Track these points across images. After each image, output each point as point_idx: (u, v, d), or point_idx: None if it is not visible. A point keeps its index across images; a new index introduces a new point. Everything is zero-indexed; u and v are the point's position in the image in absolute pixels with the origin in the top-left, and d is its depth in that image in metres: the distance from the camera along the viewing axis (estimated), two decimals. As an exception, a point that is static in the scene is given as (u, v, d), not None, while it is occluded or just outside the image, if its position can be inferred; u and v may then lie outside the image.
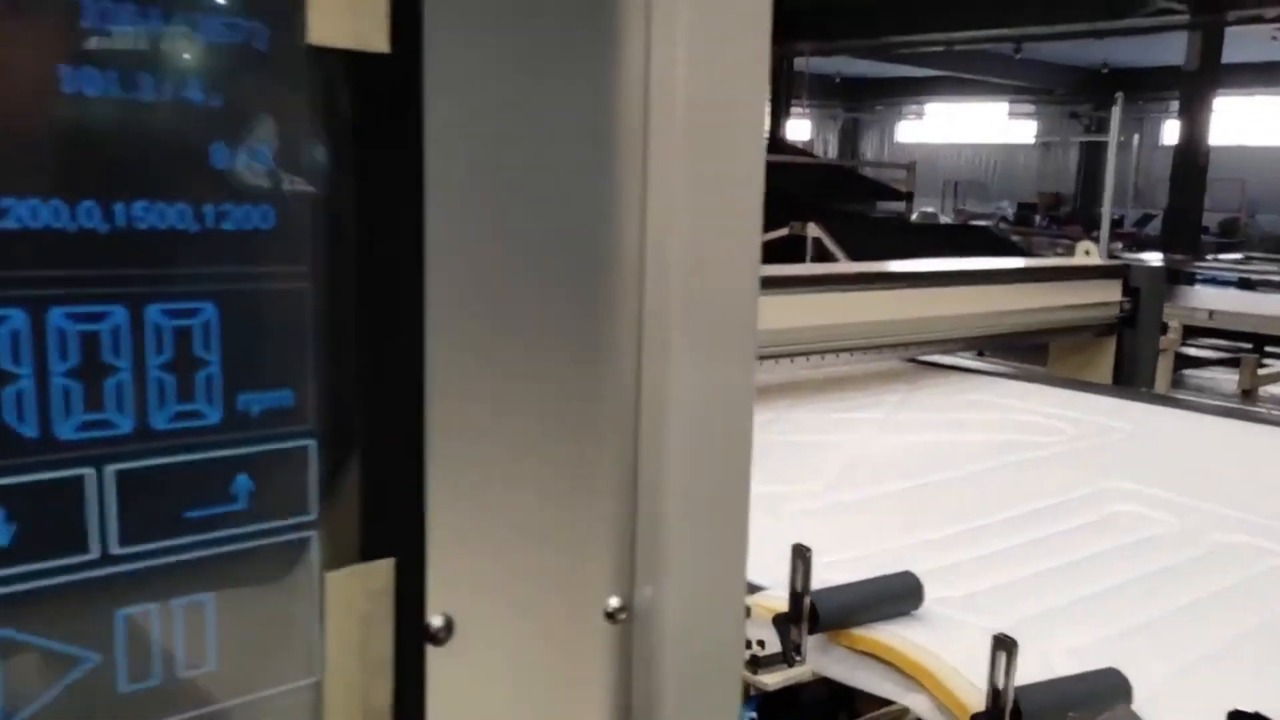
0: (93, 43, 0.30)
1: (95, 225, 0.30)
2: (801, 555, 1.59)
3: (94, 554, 0.31)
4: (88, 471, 0.31)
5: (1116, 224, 9.82)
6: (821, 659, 1.50)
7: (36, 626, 0.31)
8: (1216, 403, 2.57)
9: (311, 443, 0.35)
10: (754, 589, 1.69)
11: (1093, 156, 16.28)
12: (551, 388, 0.42)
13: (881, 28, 10.28)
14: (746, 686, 1.56)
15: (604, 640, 0.45)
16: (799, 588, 1.57)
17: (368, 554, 0.36)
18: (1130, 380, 2.58)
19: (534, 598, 0.42)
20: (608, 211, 0.43)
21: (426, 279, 0.37)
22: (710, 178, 0.44)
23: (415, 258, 0.37)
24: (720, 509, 0.46)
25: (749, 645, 1.55)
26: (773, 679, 1.54)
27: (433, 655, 0.39)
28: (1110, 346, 2.62)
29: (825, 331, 2.10)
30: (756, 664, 1.54)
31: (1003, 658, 0.98)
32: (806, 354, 2.11)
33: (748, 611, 1.57)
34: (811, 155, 8.79)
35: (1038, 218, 15.80)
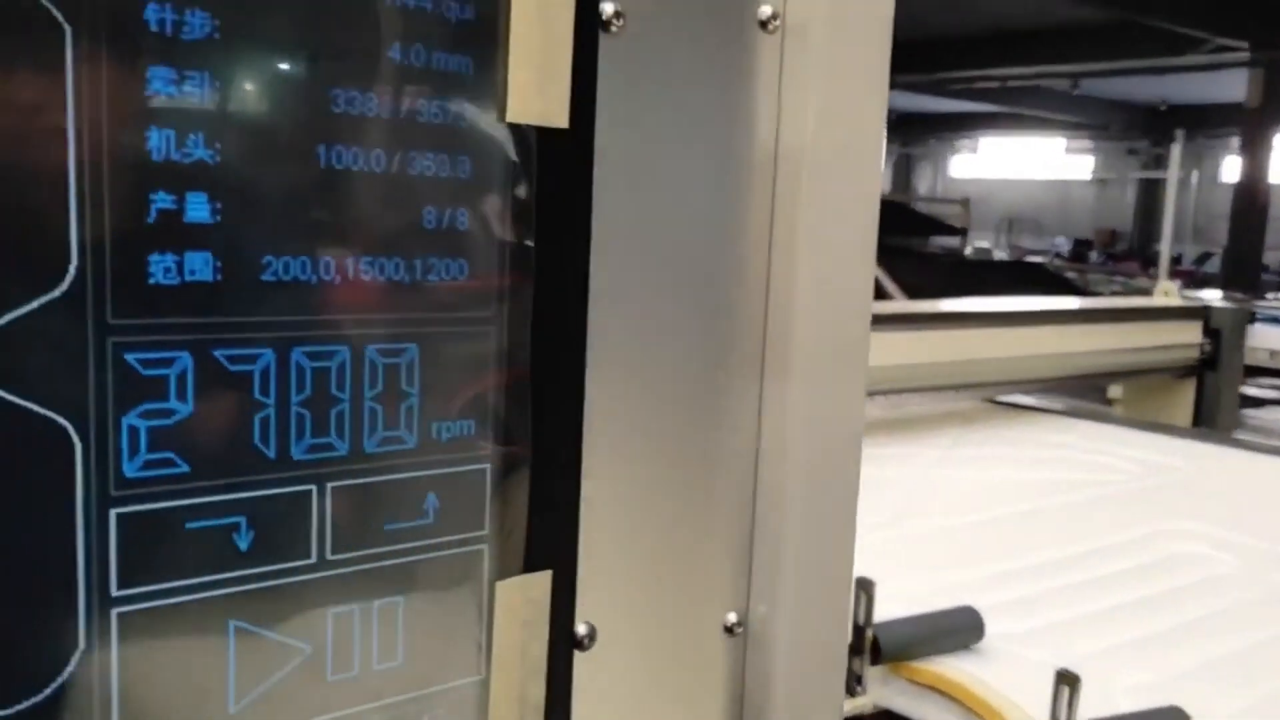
0: (342, 126, 0.35)
1: (330, 278, 0.36)
2: (864, 588, 1.62)
3: (313, 559, 0.36)
4: (312, 488, 0.36)
5: (1175, 261, 9.73)
6: (883, 690, 1.52)
7: (265, 620, 0.36)
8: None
9: (487, 467, 0.40)
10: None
11: (1150, 193, 16.14)
12: (684, 422, 0.47)
13: (937, 63, 10.30)
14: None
15: (722, 652, 0.50)
16: (861, 620, 1.60)
17: (530, 566, 0.41)
18: (1209, 423, 2.57)
19: (663, 611, 0.47)
20: (738, 261, 0.48)
21: (589, 325, 0.42)
22: (828, 229, 0.49)
23: (581, 305, 0.42)
24: (829, 536, 0.51)
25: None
26: (832, 708, 1.57)
27: (580, 660, 0.44)
28: (1187, 389, 2.61)
29: (911, 371, 2.13)
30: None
31: (1065, 693, 1.01)
32: (884, 393, 2.14)
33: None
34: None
35: (1093, 254, 15.67)
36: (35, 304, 0.30)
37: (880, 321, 2.08)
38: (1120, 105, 15.09)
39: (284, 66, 0.34)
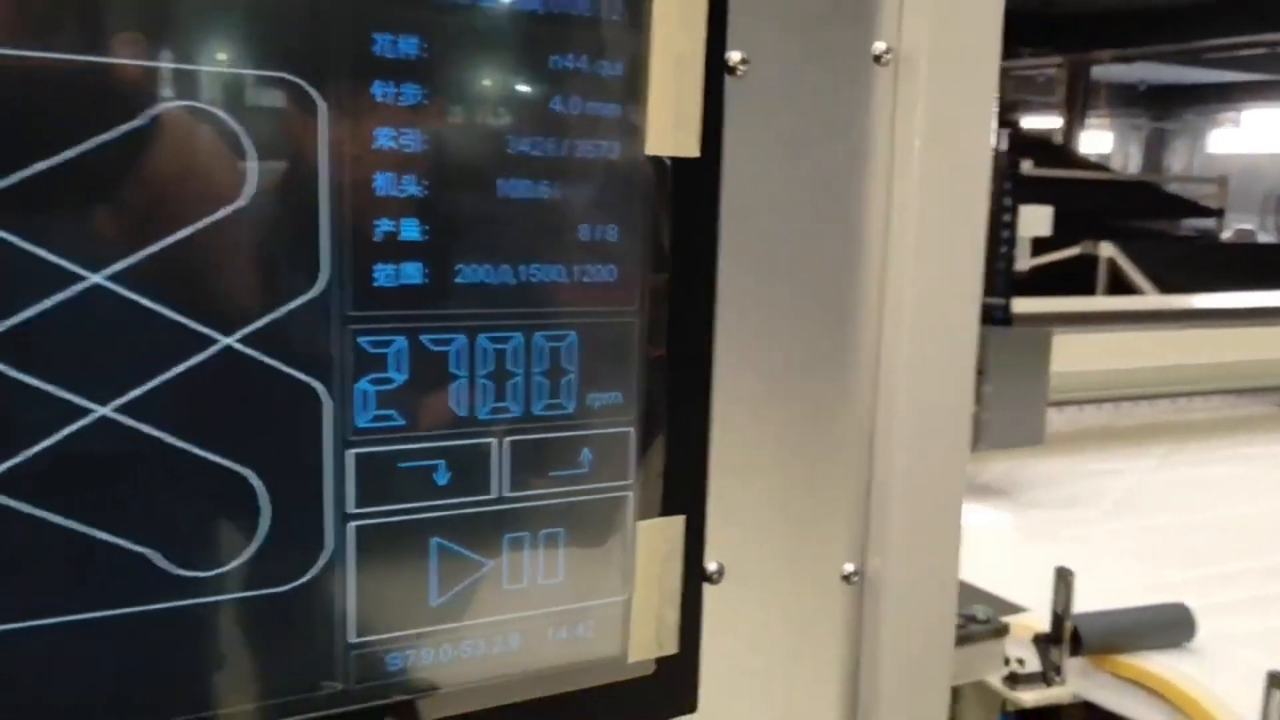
0: (515, 164, 0.47)
1: (506, 280, 0.48)
2: (1064, 578, 1.66)
3: (494, 495, 0.49)
4: (494, 440, 0.48)
5: None
6: (1083, 682, 1.55)
7: (457, 538, 0.48)
8: None
9: (631, 430, 0.52)
10: (1016, 609, 1.75)
11: None
12: (808, 392, 0.57)
13: (1190, 31, 9.72)
14: (1003, 701, 1.64)
15: (839, 598, 0.59)
16: (1060, 609, 1.64)
17: (666, 511, 0.52)
18: None
19: (786, 556, 0.57)
20: (855, 255, 0.57)
21: (716, 315, 0.52)
22: (939, 235, 0.58)
23: (709, 299, 0.52)
24: (938, 499, 0.60)
25: (1007, 662, 1.62)
26: (1029, 696, 1.61)
27: (710, 592, 0.54)
28: None
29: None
30: (1015, 680, 1.62)
31: (1278, 696, 1.02)
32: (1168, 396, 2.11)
33: (1006, 629, 1.65)
34: (1106, 169, 8.47)
35: (1374, 236, 14.38)
36: (299, 301, 0.44)
37: (1121, 320, 2.06)
38: None
39: (472, 121, 0.47)
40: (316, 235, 0.44)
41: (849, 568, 0.59)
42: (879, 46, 0.56)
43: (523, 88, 0.48)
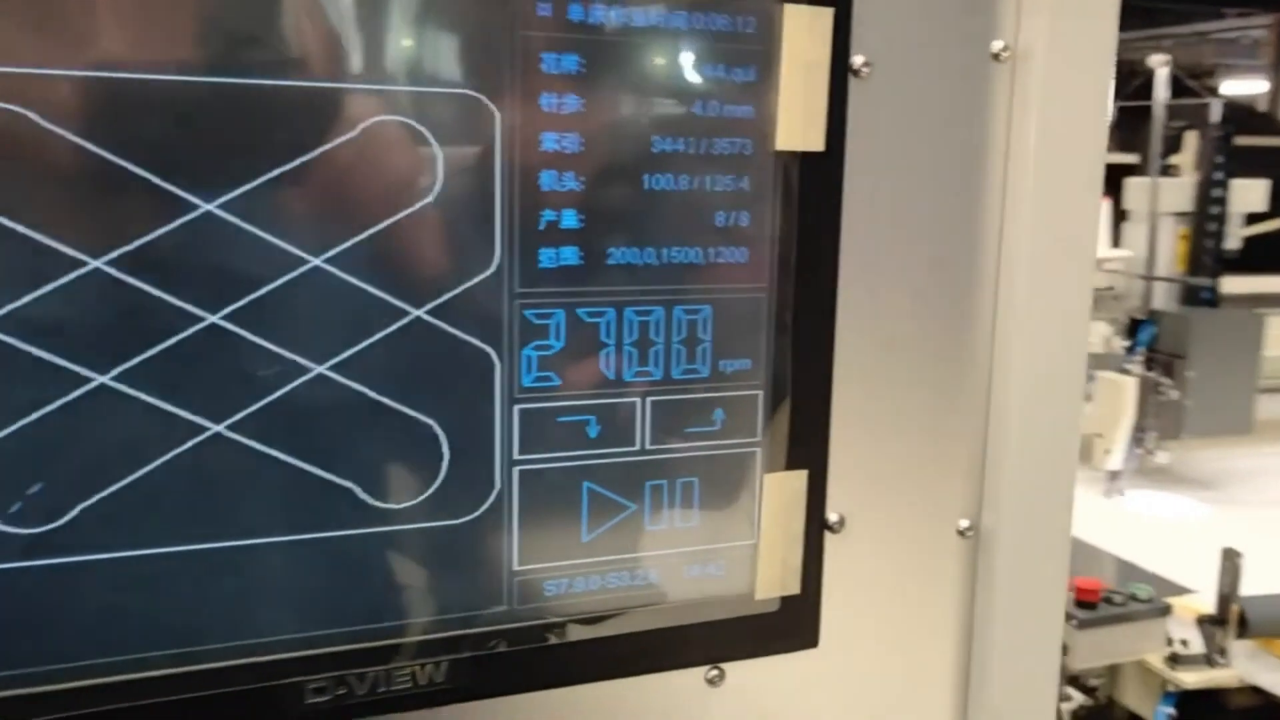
0: (659, 161, 0.55)
1: (650, 261, 0.56)
2: (1230, 559, 1.65)
3: (637, 447, 0.57)
4: (637, 400, 0.57)
5: None
6: (1250, 665, 1.54)
7: (605, 483, 0.57)
8: None
9: (760, 392, 0.59)
10: (1183, 591, 1.75)
11: None
12: (927, 360, 0.63)
13: None
14: (1163, 682, 1.65)
15: (954, 551, 0.65)
16: (1226, 591, 1.63)
17: (791, 466, 0.60)
18: None
19: (904, 511, 0.64)
20: (973, 231, 0.63)
21: (839, 291, 0.59)
22: (1053, 221, 0.63)
23: (832, 277, 0.59)
24: (1052, 459, 0.65)
25: (1170, 643, 1.63)
26: (1191, 678, 1.62)
27: (831, 540, 0.62)
28: None
29: None
30: (1176, 661, 1.62)
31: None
32: None
33: (1169, 609, 1.65)
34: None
35: None
36: (476, 279, 0.53)
37: None
38: None
39: (623, 125, 0.55)
40: (492, 224, 0.53)
41: (964, 523, 0.65)
42: (997, 45, 0.62)
43: (667, 95, 0.55)
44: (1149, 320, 2.09)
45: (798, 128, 0.57)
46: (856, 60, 0.59)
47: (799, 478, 0.60)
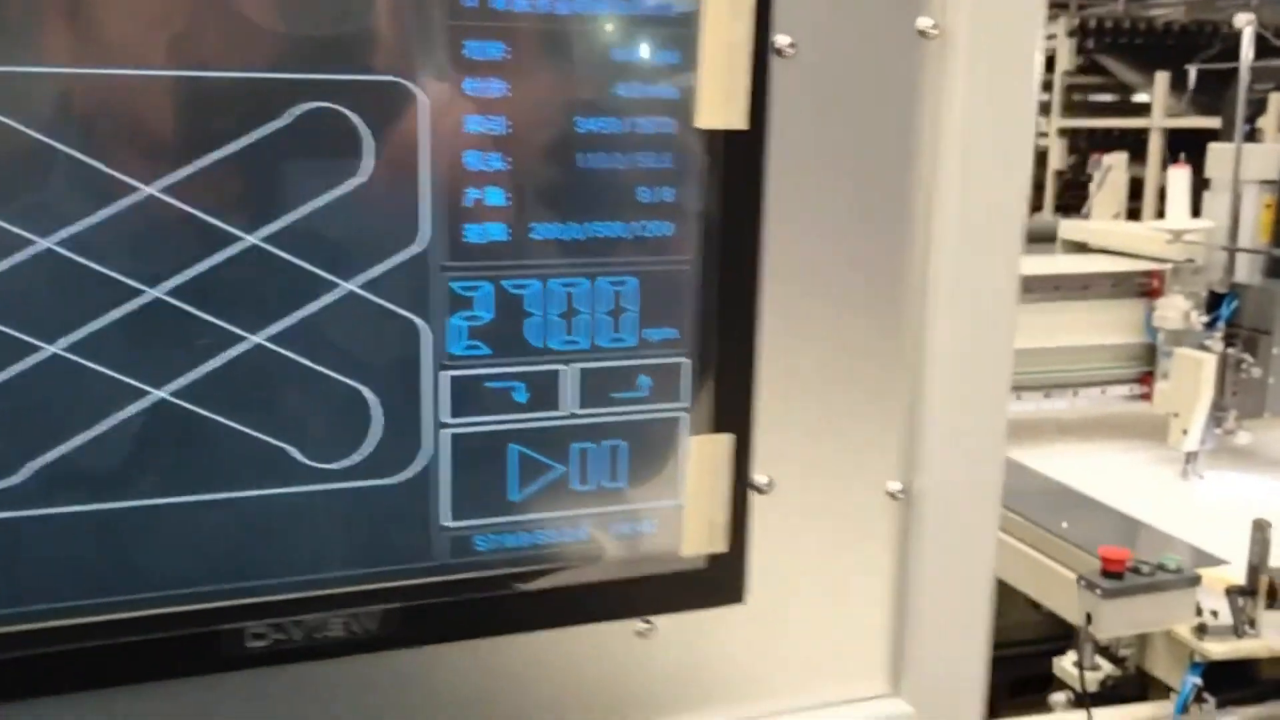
0: (585, 141, 0.58)
1: (576, 236, 0.59)
2: (1260, 529, 1.65)
3: (564, 412, 0.61)
4: (563, 367, 0.60)
5: None
6: (1279, 636, 1.54)
7: (533, 446, 0.61)
8: None
9: (687, 360, 0.62)
10: (1216, 561, 1.75)
11: None
12: (857, 330, 0.66)
13: None
14: (1191, 652, 1.65)
15: (886, 512, 0.68)
16: (1255, 561, 1.63)
17: (716, 429, 0.63)
18: None
19: (834, 473, 0.67)
20: (901, 203, 0.65)
21: (769, 263, 0.62)
22: (981, 193, 0.65)
23: (756, 249, 0.62)
24: (982, 423, 0.68)
25: (1199, 613, 1.63)
26: (1218, 648, 1.62)
27: (759, 500, 0.65)
28: None
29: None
30: (1204, 632, 1.63)
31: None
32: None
33: (1198, 579, 1.65)
34: None
35: None
36: (405, 254, 0.57)
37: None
38: None
39: (547, 107, 0.58)
40: (418, 203, 0.57)
41: (895, 486, 0.68)
42: (924, 22, 0.64)
43: (592, 78, 0.59)
44: (1231, 294, 2.04)
45: (719, 106, 0.60)
46: (781, 40, 0.61)
47: (724, 441, 0.64)
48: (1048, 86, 5.54)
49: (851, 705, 0.70)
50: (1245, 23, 2.06)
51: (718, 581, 0.65)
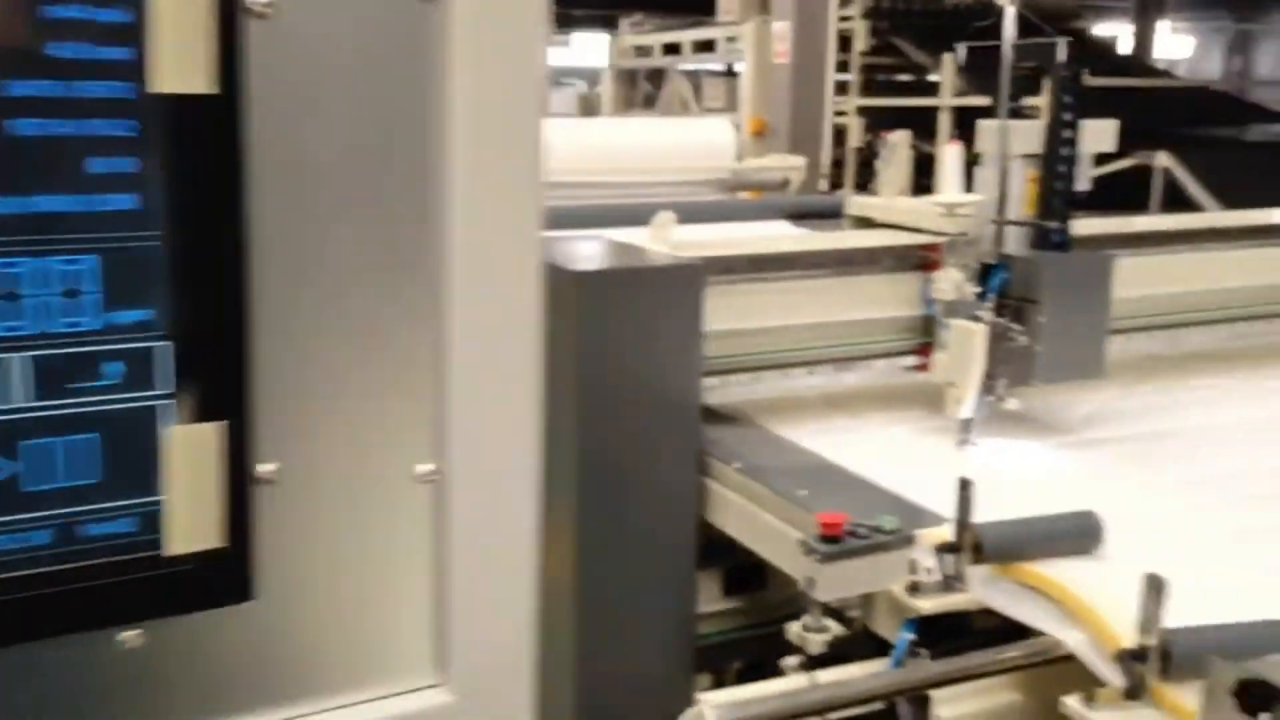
0: (21, 107, 0.53)
1: (15, 210, 0.54)
2: (965, 488, 1.70)
3: (19, 404, 0.56)
4: (11, 356, 0.55)
5: None
6: (984, 590, 1.59)
7: (-15, 442, 0.55)
8: None
9: (165, 344, 0.58)
10: (940, 520, 1.80)
11: None
12: (371, 310, 0.62)
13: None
14: (906, 609, 1.69)
15: (416, 496, 0.66)
16: (961, 518, 1.68)
17: (205, 418, 0.59)
18: None
19: (354, 460, 0.64)
20: (416, 174, 0.62)
21: (250, 237, 0.58)
22: (494, 162, 0.63)
23: (238, 222, 0.58)
24: (511, 401, 0.66)
25: (914, 570, 1.67)
26: (927, 604, 1.66)
27: (266, 491, 0.61)
28: None
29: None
30: (916, 589, 1.67)
31: (1154, 597, 1.08)
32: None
33: (911, 539, 1.70)
34: (1169, 75, 8.19)
35: None
36: None
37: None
38: None
39: (-35, 67, 0.52)
40: None
41: (425, 469, 0.65)
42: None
43: (26, 37, 0.53)
44: (1000, 265, 2.12)
45: (178, 69, 0.56)
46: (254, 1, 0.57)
47: (211, 430, 0.60)
48: (845, 66, 5.68)
49: (393, 699, 0.67)
50: (1008, 2, 2.14)
51: (217, 580, 0.61)
